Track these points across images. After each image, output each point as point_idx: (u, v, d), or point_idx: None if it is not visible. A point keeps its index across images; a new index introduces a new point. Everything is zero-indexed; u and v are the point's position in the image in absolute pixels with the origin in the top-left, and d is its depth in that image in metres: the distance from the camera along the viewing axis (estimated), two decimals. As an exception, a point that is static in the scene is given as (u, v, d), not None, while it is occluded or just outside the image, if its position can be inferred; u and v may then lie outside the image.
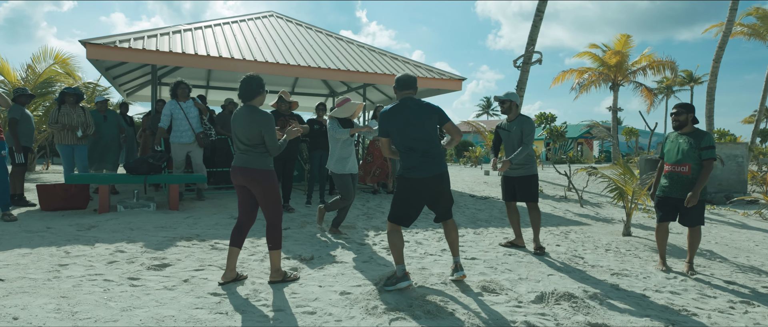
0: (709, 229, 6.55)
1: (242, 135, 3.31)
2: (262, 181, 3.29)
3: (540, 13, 11.07)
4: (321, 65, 8.16)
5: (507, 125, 4.80)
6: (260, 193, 3.31)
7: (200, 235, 4.74)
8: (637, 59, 19.65)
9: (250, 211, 3.46)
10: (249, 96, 3.35)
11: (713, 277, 4.15)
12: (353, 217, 6.04)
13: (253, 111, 3.30)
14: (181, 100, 6.52)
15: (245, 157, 3.33)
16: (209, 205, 6.39)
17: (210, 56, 7.38)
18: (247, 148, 3.31)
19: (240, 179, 3.36)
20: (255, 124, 3.25)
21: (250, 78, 3.35)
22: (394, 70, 9.01)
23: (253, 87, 3.33)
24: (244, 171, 3.31)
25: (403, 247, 3.46)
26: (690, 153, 4.13)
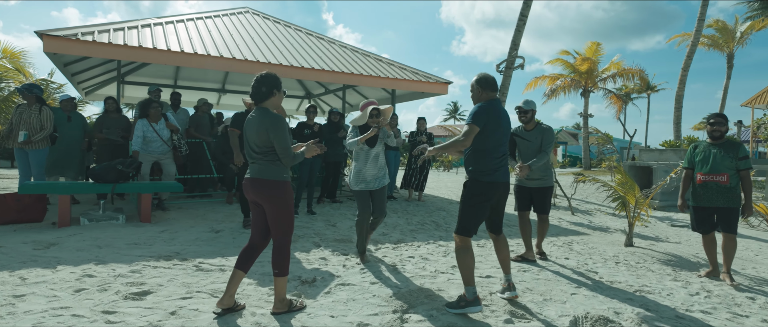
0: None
1: (253, 142, 2.89)
2: (272, 195, 2.85)
3: (523, 17, 10.97)
4: (296, 64, 7.62)
5: (525, 134, 4.72)
6: (270, 208, 2.87)
7: (181, 253, 4.19)
8: (607, 66, 20.08)
9: (265, 232, 3.02)
10: (261, 97, 2.91)
11: (735, 292, 3.97)
12: (347, 229, 5.60)
13: (264, 114, 2.87)
14: (153, 122, 5.96)
15: (256, 167, 2.90)
16: (185, 216, 5.79)
17: (184, 52, 6.76)
18: (258, 156, 2.89)
19: (251, 193, 2.92)
20: (263, 127, 2.81)
21: (263, 77, 2.92)
22: (378, 71, 8.62)
23: (265, 87, 2.89)
24: (254, 183, 2.88)
25: (474, 265, 3.13)
26: (727, 163, 4.16)
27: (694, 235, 6.56)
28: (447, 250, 4.88)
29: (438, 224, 6.24)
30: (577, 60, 19.28)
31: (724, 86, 21.47)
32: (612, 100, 21.73)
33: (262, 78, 2.90)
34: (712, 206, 4.24)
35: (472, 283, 3.08)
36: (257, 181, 2.87)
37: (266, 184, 2.85)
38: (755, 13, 26.61)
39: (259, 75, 2.92)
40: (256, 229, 3.00)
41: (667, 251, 5.46)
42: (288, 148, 2.87)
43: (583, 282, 4.04)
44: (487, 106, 3.19)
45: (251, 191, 2.89)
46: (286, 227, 2.91)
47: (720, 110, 21.67)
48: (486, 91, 3.28)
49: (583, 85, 19.57)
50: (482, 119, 3.15)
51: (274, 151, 2.87)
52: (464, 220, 3.17)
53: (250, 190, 2.90)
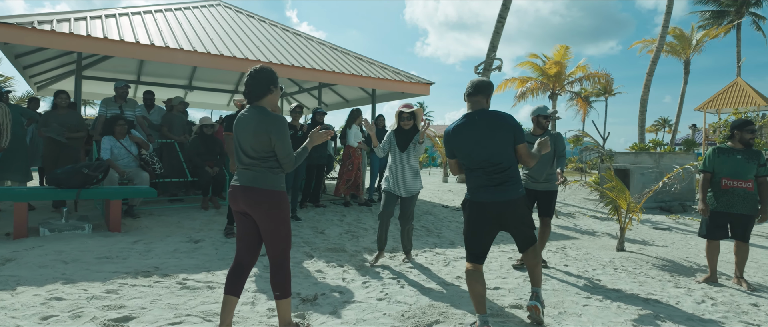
0: (688, 241, 6.60)
1: (247, 144, 2.53)
2: (269, 206, 2.51)
3: (502, 19, 10.95)
4: (273, 60, 7.17)
5: (534, 139, 4.58)
6: (266, 221, 2.52)
7: (160, 268, 3.77)
8: (573, 70, 20.57)
9: (252, 248, 2.65)
10: (256, 94, 2.57)
11: (739, 296, 3.95)
12: (337, 236, 5.29)
13: (262, 113, 2.53)
14: (119, 138, 5.55)
15: (249, 174, 2.54)
16: (159, 224, 5.31)
17: (154, 46, 6.23)
18: (253, 161, 2.53)
19: (241, 203, 2.55)
20: (263, 129, 2.48)
21: (258, 71, 2.58)
22: (358, 70, 8.31)
23: (261, 82, 2.56)
24: (246, 192, 2.51)
25: (484, 293, 2.82)
26: (750, 169, 4.16)
27: (679, 239, 6.65)
28: (445, 258, 4.67)
29: (428, 230, 6.03)
30: (546, 63, 19.63)
31: (681, 91, 22.44)
32: (578, 103, 22.30)
33: (257, 73, 2.56)
34: (732, 212, 4.20)
35: (482, 310, 2.82)
36: (251, 191, 2.50)
37: (263, 194, 2.50)
38: (706, 22, 28.08)
39: (254, 69, 2.57)
40: (243, 245, 2.63)
41: (659, 256, 5.46)
42: (291, 154, 2.56)
43: (590, 291, 3.92)
44: (449, 130, 3.01)
45: (242, 202, 2.53)
46: (285, 243, 2.58)
47: (677, 114, 22.67)
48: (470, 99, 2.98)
49: (552, 88, 19.95)
50: (448, 148, 3.03)
51: (272, 156, 2.53)
52: (465, 242, 2.96)
53: (240, 200, 2.53)
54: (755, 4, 27.46)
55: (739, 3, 27.43)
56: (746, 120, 4.34)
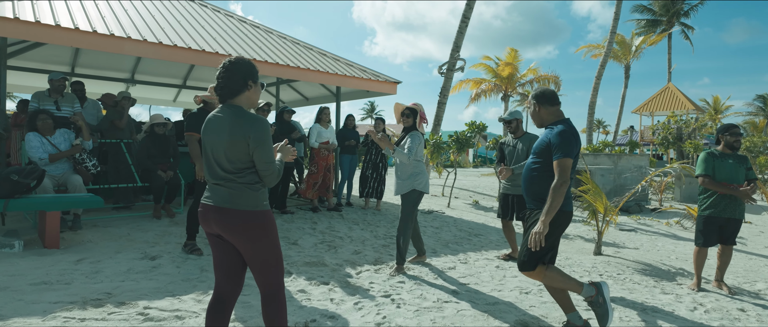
0: (655, 242, 6.73)
1: (219, 153, 2.07)
2: (254, 230, 2.07)
3: (466, 19, 10.86)
4: (225, 51, 6.52)
5: (513, 141, 4.87)
6: (251, 248, 2.08)
7: (114, 295, 3.19)
8: (525, 72, 21.09)
9: (233, 276, 2.20)
10: (231, 90, 2.11)
11: (724, 302, 3.95)
12: (312, 247, 4.85)
13: (238, 114, 2.08)
14: (46, 134, 4.79)
15: (223, 192, 2.07)
16: (105, 237, 4.62)
17: (96, 33, 5.48)
18: (228, 175, 2.07)
19: (213, 226, 2.10)
20: (240, 133, 2.03)
21: (234, 63, 2.13)
22: (322, 66, 7.83)
23: (236, 76, 2.11)
24: (221, 214, 2.06)
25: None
26: (741, 174, 4.20)
27: (646, 241, 6.77)
28: (432, 270, 4.37)
29: (406, 237, 5.72)
30: (499, 65, 19.97)
31: (622, 94, 23.69)
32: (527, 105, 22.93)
33: (232, 65, 2.11)
34: (726, 217, 4.22)
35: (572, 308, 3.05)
36: (227, 214, 2.04)
37: (242, 217, 2.05)
38: (643, 29, 29.87)
39: (228, 61, 2.12)
40: (222, 274, 2.18)
41: (635, 259, 5.47)
42: (275, 163, 2.12)
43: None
44: (571, 130, 2.86)
45: (216, 225, 2.07)
46: (277, 269, 2.15)
47: (618, 117, 23.88)
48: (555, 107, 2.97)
49: (504, 90, 20.34)
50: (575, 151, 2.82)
51: (251, 168, 2.08)
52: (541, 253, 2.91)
53: (213, 223, 2.08)
54: (684, 15, 29.57)
55: (670, 13, 29.42)
56: (730, 124, 4.40)
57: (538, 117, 3.02)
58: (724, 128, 4.40)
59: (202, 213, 2.14)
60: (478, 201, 9.75)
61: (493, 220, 7.65)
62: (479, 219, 7.64)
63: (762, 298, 4.27)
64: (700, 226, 4.38)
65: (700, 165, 4.43)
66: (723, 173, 4.24)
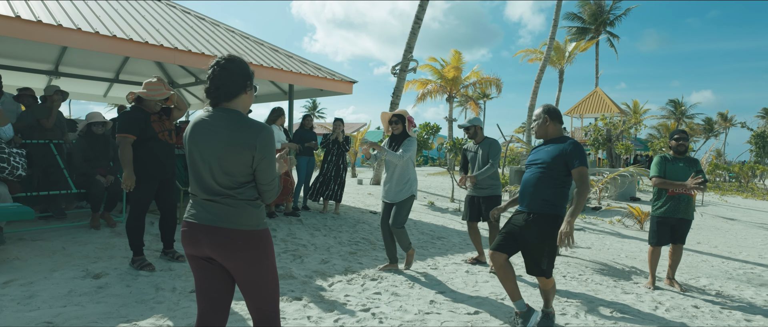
0: (603, 241, 7.05)
1: (213, 164, 1.81)
2: (251, 252, 1.84)
3: (418, 20, 10.85)
4: (160, 43, 5.92)
5: (473, 147, 4.94)
6: (246, 272, 1.85)
7: (56, 323, 2.75)
8: (468, 75, 21.63)
9: (220, 304, 1.95)
10: (228, 92, 1.86)
11: (679, 299, 4.16)
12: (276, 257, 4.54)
13: (239, 120, 1.83)
14: None
15: (218, 209, 1.82)
16: (36, 253, 4.04)
17: (19, 18, 4.80)
18: (223, 190, 1.81)
19: (205, 247, 1.84)
20: (243, 143, 1.79)
21: (231, 61, 1.88)
22: (275, 62, 7.47)
23: (235, 76, 1.86)
24: (214, 235, 1.81)
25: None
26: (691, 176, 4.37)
27: (595, 239, 7.07)
28: (406, 278, 4.24)
29: (371, 242, 5.55)
30: (445, 67, 20.31)
31: (557, 97, 24.98)
32: (470, 105, 23.56)
33: (229, 63, 1.86)
34: (678, 217, 4.44)
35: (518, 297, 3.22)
36: (222, 234, 1.80)
37: (243, 237, 1.81)
38: (574, 36, 31.70)
39: (223, 59, 1.86)
40: (207, 302, 1.92)
41: (591, 259, 5.68)
42: (277, 180, 1.91)
43: (558, 301, 3.83)
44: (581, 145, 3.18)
45: (209, 247, 1.81)
46: (274, 294, 1.94)
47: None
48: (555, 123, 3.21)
49: (449, 91, 20.73)
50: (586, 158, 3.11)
51: (250, 183, 1.85)
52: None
53: (203, 241, 1.82)
54: (610, 24, 31.74)
55: (598, 22, 31.45)
56: (675, 130, 4.69)
57: (544, 130, 3.23)
58: (671, 134, 4.69)
59: (187, 233, 1.85)
60: (433, 202, 9.77)
61: (451, 221, 7.67)
62: (438, 221, 7.63)
63: (708, 293, 4.55)
64: (654, 227, 4.60)
65: (653, 168, 4.67)
66: (674, 175, 4.47)
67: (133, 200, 3.85)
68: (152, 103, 3.85)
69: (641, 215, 8.04)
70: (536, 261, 3.05)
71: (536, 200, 3.08)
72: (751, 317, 3.89)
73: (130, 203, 3.87)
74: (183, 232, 1.88)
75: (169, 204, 4.06)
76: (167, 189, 4.01)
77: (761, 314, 3.97)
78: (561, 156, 3.05)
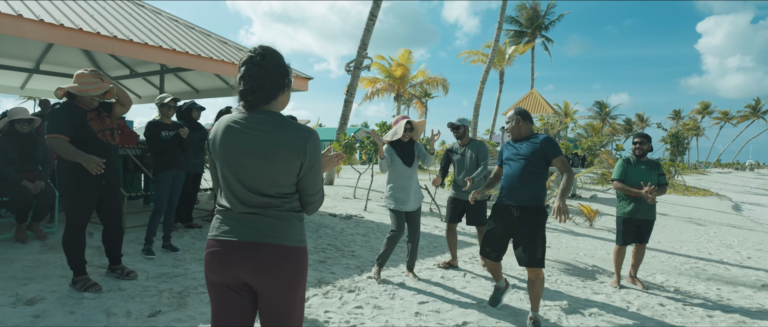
0: (560, 239, 7.24)
1: (256, 173, 1.57)
2: (293, 272, 1.60)
3: (373, 17, 10.64)
4: (92, 30, 5.20)
5: (460, 149, 4.83)
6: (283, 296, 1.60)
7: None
8: (415, 74, 21.75)
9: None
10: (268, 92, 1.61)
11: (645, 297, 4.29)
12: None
13: (285, 125, 1.60)
14: None
15: (260, 222, 1.58)
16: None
17: None
18: (267, 200, 1.58)
19: (241, 270, 1.57)
20: (291, 149, 1.57)
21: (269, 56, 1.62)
22: (224, 55, 6.92)
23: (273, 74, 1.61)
24: (256, 252, 1.56)
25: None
26: (652, 178, 4.52)
27: (551, 238, 7.24)
28: (387, 289, 4.03)
29: (338, 248, 5.27)
30: (392, 66, 20.27)
31: (497, 98, 25.82)
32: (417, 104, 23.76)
33: (268, 59, 1.60)
34: (641, 218, 4.56)
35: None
36: (266, 251, 1.55)
37: (287, 254, 1.58)
38: (512, 39, 32.94)
39: (258, 54, 1.59)
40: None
41: (555, 258, 5.78)
42: (323, 191, 1.71)
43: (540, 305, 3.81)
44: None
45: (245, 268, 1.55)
46: (301, 321, 1.72)
47: (494, 118, 25.94)
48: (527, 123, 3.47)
49: (397, 90, 20.73)
50: None
51: (295, 194, 1.64)
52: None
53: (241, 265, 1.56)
54: (545, 29, 33.34)
55: (534, 26, 32.91)
56: (635, 133, 4.86)
57: (518, 130, 3.49)
58: (632, 137, 4.86)
59: (219, 254, 1.56)
60: (389, 203, 9.63)
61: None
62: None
63: (667, 290, 4.74)
64: (619, 227, 4.73)
65: (615, 170, 4.81)
66: (636, 178, 4.61)
67: (69, 212, 3.28)
68: (88, 99, 3.32)
69: (591, 213, 8.37)
70: (532, 252, 3.26)
71: (524, 195, 3.33)
72: (712, 313, 4.08)
73: (67, 215, 3.30)
74: (212, 253, 1.58)
75: (113, 214, 3.51)
76: (110, 196, 3.46)
77: (719, 309, 4.17)
78: (540, 150, 3.33)
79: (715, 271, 5.77)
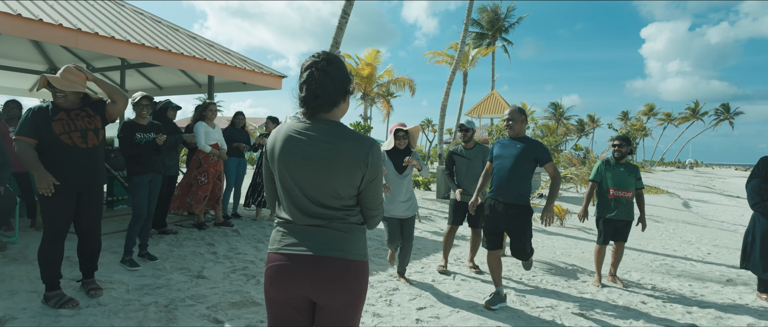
0: (535, 238, 7.38)
1: (320, 184, 1.50)
2: (357, 288, 1.53)
3: (345, 15, 10.50)
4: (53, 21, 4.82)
5: (466, 152, 4.80)
6: (343, 313, 1.53)
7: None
8: (382, 73, 21.73)
9: None
10: (331, 99, 1.53)
11: (627, 296, 4.43)
12: (225, 279, 3.93)
13: (349, 135, 1.53)
14: None
15: (326, 235, 1.51)
16: None
17: None
18: (332, 212, 1.52)
19: (306, 284, 1.49)
20: (355, 160, 1.51)
21: (332, 61, 1.54)
22: (195, 51, 6.60)
23: (337, 80, 1.53)
24: (321, 264, 1.48)
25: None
26: (631, 181, 4.67)
27: (528, 238, 7.36)
28: (382, 295, 3.94)
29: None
30: (359, 65, 20.14)
31: (461, 98, 26.21)
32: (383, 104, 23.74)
33: (332, 64, 1.52)
34: (618, 219, 4.70)
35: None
36: (333, 264, 1.48)
37: (351, 268, 1.51)
38: (473, 41, 33.53)
39: (322, 59, 1.51)
40: None
41: (536, 258, 5.87)
42: (383, 203, 1.65)
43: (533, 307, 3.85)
44: None
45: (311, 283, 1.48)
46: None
47: (458, 118, 26.30)
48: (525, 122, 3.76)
49: (364, 89, 20.63)
50: None
51: (357, 206, 1.58)
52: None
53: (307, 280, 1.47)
54: (505, 31, 34.18)
55: (494, 29, 33.66)
56: (615, 136, 5.01)
57: (517, 128, 3.75)
58: (613, 139, 5.03)
59: (284, 268, 1.47)
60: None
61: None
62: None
63: (645, 287, 4.92)
64: (600, 227, 4.86)
65: (592, 171, 4.95)
66: (615, 180, 4.76)
67: (44, 220, 3.01)
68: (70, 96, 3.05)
69: (562, 212, 8.60)
70: (523, 247, 3.69)
71: (513, 193, 3.63)
72: (690, 309, 4.25)
73: (44, 223, 3.03)
74: (276, 267, 1.49)
75: (87, 224, 3.21)
76: (85, 204, 3.18)
77: (696, 305, 4.36)
78: (533, 153, 3.62)
79: (683, 267, 6.05)
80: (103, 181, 3.22)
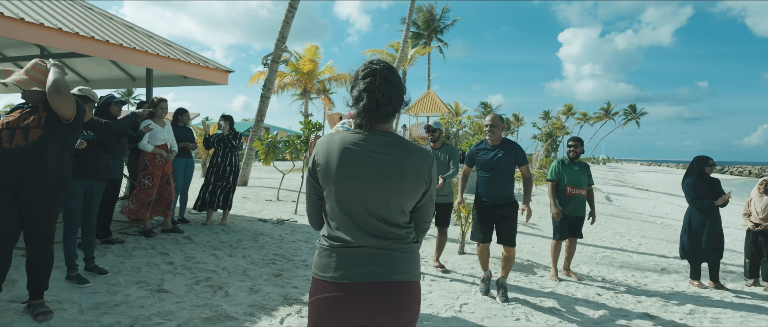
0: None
1: (381, 201, 1.40)
2: (416, 309, 1.45)
3: (292, 9, 10.18)
4: None
5: (434, 152, 4.91)
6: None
7: None
8: (322, 70, 21.41)
9: None
10: (391, 109, 1.43)
11: (583, 289, 4.71)
12: (189, 291, 3.63)
13: (411, 148, 1.44)
14: None
15: (387, 258, 1.40)
16: None
17: None
18: (394, 231, 1.41)
19: (363, 315, 1.37)
20: (420, 175, 1.43)
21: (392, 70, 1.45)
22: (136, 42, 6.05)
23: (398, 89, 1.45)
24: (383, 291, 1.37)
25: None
26: (584, 179, 5.00)
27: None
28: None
29: (288, 258, 4.92)
30: (300, 61, 19.69)
31: (400, 97, 26.55)
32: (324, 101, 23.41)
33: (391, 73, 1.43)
34: (575, 215, 4.99)
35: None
36: (397, 289, 1.38)
37: (414, 290, 1.43)
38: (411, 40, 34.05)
39: (383, 66, 1.42)
40: None
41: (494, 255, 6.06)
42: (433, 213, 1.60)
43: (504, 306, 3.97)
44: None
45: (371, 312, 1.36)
46: None
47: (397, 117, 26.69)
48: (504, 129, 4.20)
49: (304, 86, 20.20)
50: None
51: (412, 222, 1.50)
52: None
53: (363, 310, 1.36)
54: (440, 32, 35.06)
55: (430, 29, 34.41)
56: (570, 137, 5.31)
57: (498, 134, 4.13)
58: (567, 140, 5.32)
59: (340, 300, 1.35)
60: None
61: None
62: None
63: (596, 279, 5.25)
64: (556, 224, 5.12)
65: (550, 171, 5.22)
66: (570, 178, 5.04)
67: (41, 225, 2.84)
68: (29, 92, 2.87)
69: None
70: (511, 237, 4.12)
71: (503, 194, 4.10)
72: (639, 298, 4.59)
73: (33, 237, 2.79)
74: (331, 299, 1.35)
75: (35, 233, 2.84)
76: (30, 211, 2.81)
77: (643, 294, 4.72)
78: (513, 156, 4.07)
79: (623, 259, 6.53)
80: (47, 185, 2.85)
